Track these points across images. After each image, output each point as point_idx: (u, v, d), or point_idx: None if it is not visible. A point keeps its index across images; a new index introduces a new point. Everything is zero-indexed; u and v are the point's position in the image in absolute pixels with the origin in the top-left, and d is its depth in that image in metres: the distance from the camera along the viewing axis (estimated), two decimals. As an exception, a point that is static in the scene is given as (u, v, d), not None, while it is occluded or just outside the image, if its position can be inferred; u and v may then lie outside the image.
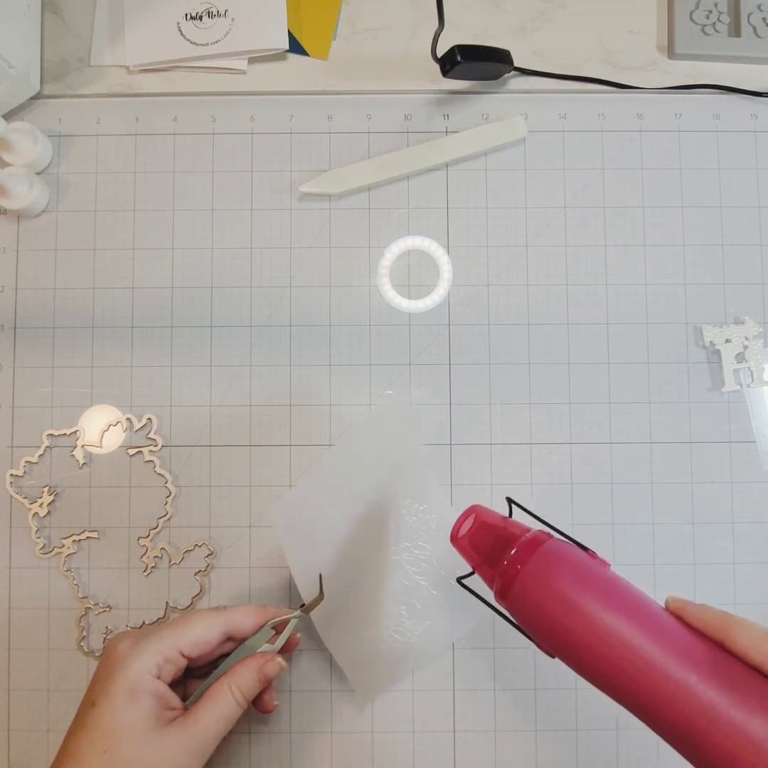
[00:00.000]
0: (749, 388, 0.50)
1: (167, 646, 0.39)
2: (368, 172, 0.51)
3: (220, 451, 0.50)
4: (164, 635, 0.39)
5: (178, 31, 0.52)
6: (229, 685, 0.39)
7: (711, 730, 0.29)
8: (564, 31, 0.53)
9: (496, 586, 0.36)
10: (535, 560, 0.34)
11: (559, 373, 0.50)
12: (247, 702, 0.40)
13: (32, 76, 0.51)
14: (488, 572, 0.37)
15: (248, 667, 0.40)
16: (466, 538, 0.38)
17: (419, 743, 0.48)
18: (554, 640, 0.34)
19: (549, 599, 0.33)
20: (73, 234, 0.51)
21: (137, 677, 0.37)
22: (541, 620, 0.34)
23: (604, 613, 0.32)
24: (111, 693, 0.37)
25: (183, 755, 0.37)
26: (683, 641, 0.31)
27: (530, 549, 0.35)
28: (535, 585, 0.34)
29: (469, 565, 0.38)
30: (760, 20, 0.52)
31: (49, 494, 0.49)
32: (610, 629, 0.31)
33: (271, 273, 0.51)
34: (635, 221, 0.51)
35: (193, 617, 0.40)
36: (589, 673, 0.33)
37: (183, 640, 0.39)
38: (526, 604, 0.34)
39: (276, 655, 0.41)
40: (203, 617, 0.40)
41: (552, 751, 0.47)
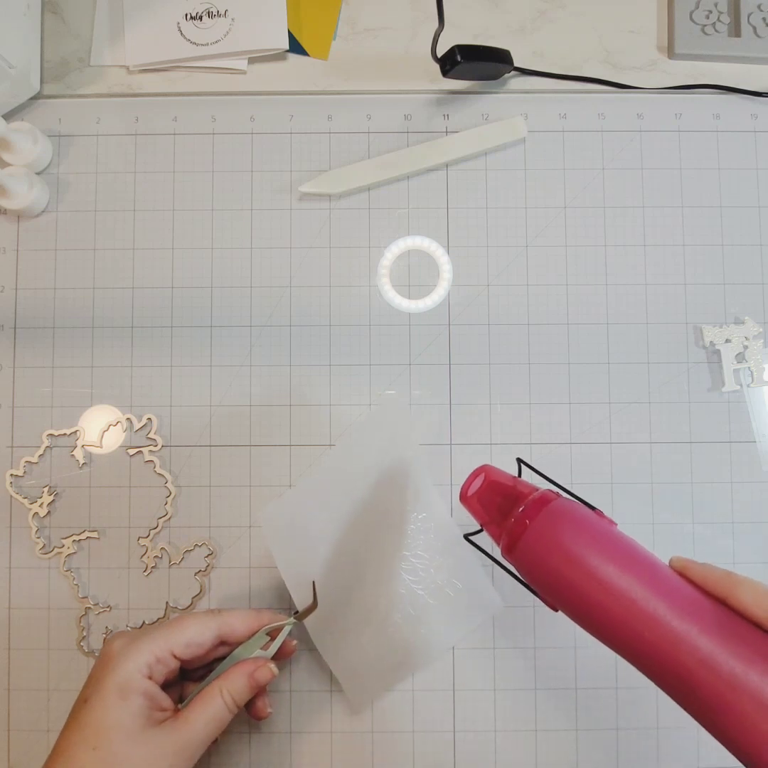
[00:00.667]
0: (749, 388, 0.50)
1: (159, 647, 0.39)
2: (368, 172, 0.51)
3: (220, 451, 0.50)
4: (157, 636, 0.39)
5: (178, 31, 0.52)
6: (221, 689, 0.39)
7: (711, 680, 0.29)
8: (564, 31, 0.53)
9: (503, 542, 0.36)
10: (543, 517, 0.35)
11: (559, 373, 0.50)
12: (237, 707, 0.40)
13: (32, 76, 0.51)
14: (496, 530, 0.37)
15: (240, 672, 0.40)
16: (475, 497, 0.38)
17: (419, 743, 0.48)
18: (559, 594, 0.34)
19: (555, 554, 0.34)
20: (73, 234, 0.51)
21: (128, 676, 0.38)
22: (547, 574, 0.34)
23: (609, 567, 0.33)
24: (103, 691, 0.38)
25: (171, 756, 0.37)
26: (686, 596, 0.32)
27: (538, 506, 0.35)
28: (543, 540, 0.34)
29: (478, 523, 0.39)
30: (760, 20, 0.52)
31: (49, 494, 0.49)
32: (615, 582, 0.32)
33: (271, 273, 0.51)
34: (635, 221, 0.51)
35: (187, 619, 0.41)
36: (592, 626, 0.34)
37: (175, 642, 0.39)
38: (532, 559, 0.35)
39: (268, 662, 0.41)
40: (197, 619, 0.41)
41: (552, 751, 0.47)
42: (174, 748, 0.37)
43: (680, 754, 0.48)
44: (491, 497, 0.38)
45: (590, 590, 0.33)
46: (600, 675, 0.48)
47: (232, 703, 0.39)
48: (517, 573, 0.37)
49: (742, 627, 0.30)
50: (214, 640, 0.41)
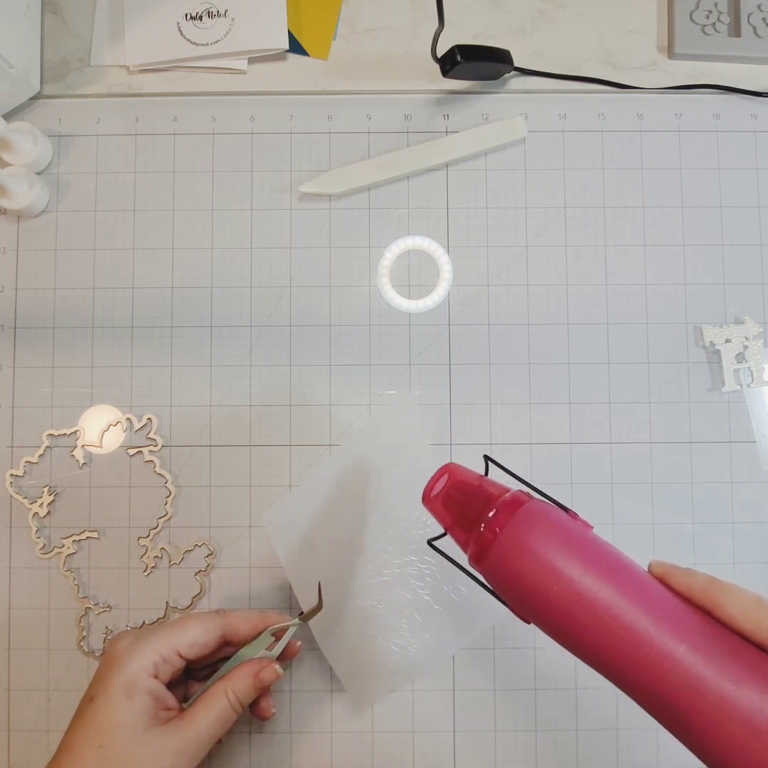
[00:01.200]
0: (749, 388, 0.50)
1: (164, 647, 0.39)
2: (368, 172, 0.51)
3: (220, 451, 0.50)
4: (162, 635, 0.40)
5: (178, 31, 0.52)
6: (225, 689, 0.39)
7: (699, 703, 0.27)
8: (564, 31, 0.53)
9: (471, 550, 0.34)
10: (515, 523, 0.32)
11: (559, 373, 0.50)
12: (242, 707, 0.40)
13: (32, 76, 0.51)
14: (462, 535, 0.35)
15: (244, 673, 0.40)
16: (439, 498, 0.36)
17: (419, 743, 0.48)
18: (534, 607, 0.32)
19: (529, 565, 0.31)
20: (73, 234, 0.51)
21: (134, 675, 0.38)
22: (519, 586, 0.32)
23: (588, 578, 0.30)
24: (109, 690, 0.38)
25: (174, 756, 0.37)
26: (669, 609, 0.30)
27: (509, 511, 0.33)
28: (515, 550, 0.32)
29: (442, 527, 0.37)
30: (760, 20, 0.52)
31: (49, 494, 0.49)
32: (594, 596, 0.30)
33: (271, 273, 0.51)
34: (635, 221, 0.51)
35: (192, 619, 0.41)
36: (569, 642, 0.32)
37: (180, 641, 0.40)
38: (504, 569, 0.32)
39: (273, 662, 0.41)
40: (201, 619, 0.41)
41: (552, 751, 0.47)
42: (175, 748, 0.37)
43: (680, 754, 0.47)
44: (457, 498, 0.36)
45: (567, 604, 0.30)
46: (600, 675, 0.48)
47: (237, 703, 0.39)
48: (485, 582, 0.35)
49: (729, 641, 0.29)
50: (218, 641, 0.41)
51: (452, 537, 0.36)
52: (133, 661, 0.38)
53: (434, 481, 0.37)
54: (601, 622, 0.30)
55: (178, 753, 0.37)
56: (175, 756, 0.37)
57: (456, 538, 0.36)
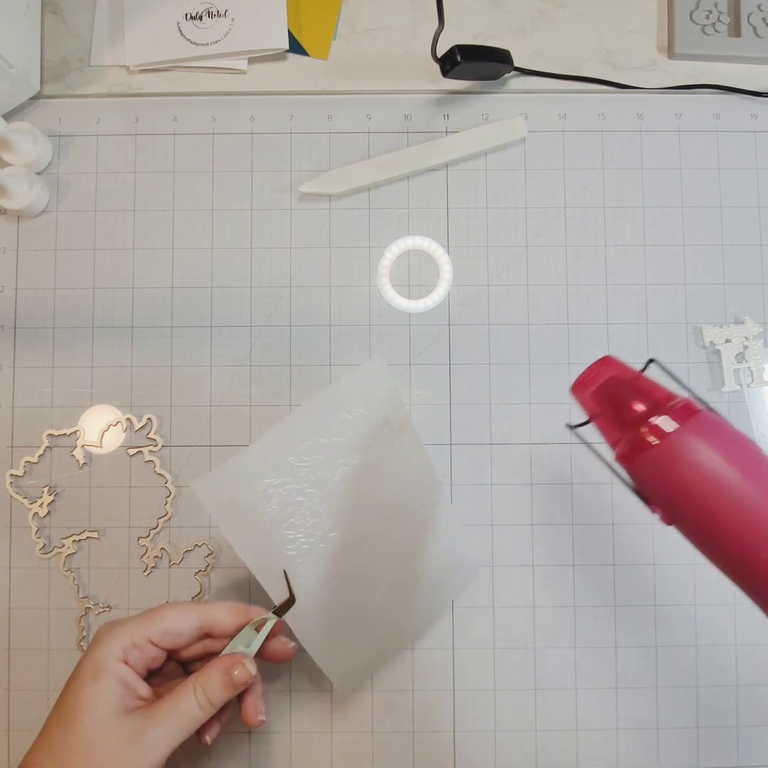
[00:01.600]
0: (749, 388, 0.50)
1: (136, 632, 0.38)
2: (368, 172, 0.51)
3: (220, 451, 0.50)
4: (136, 621, 0.39)
5: (178, 31, 0.52)
6: (195, 684, 0.37)
7: None
8: (564, 31, 0.53)
9: (624, 449, 0.33)
10: (686, 430, 0.32)
11: (559, 373, 0.50)
12: (211, 706, 0.37)
13: (32, 76, 0.51)
14: (614, 431, 0.34)
15: (215, 668, 0.38)
16: (593, 391, 0.35)
17: (419, 743, 0.48)
18: (689, 512, 0.32)
19: (697, 474, 0.31)
20: (73, 234, 0.51)
21: (102, 658, 0.37)
22: (680, 491, 0.32)
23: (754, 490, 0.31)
24: (78, 672, 0.37)
25: (130, 743, 0.35)
26: None
27: (680, 417, 0.32)
28: (684, 455, 0.31)
29: (589, 416, 0.36)
30: (760, 20, 0.52)
31: (49, 494, 0.49)
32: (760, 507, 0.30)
33: (271, 273, 0.51)
34: (635, 221, 0.51)
35: (167, 607, 0.40)
36: (714, 547, 0.33)
37: (152, 628, 0.38)
38: (663, 473, 0.32)
39: (246, 659, 0.39)
40: (177, 608, 0.40)
41: (552, 751, 0.47)
42: (131, 734, 0.35)
43: (680, 753, 0.48)
44: (613, 394, 0.34)
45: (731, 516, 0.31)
46: (599, 675, 0.48)
47: (205, 701, 0.37)
48: (624, 478, 0.34)
49: None
50: (195, 631, 0.40)
51: (601, 431, 0.35)
52: (103, 644, 0.38)
53: (590, 372, 0.36)
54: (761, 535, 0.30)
55: (133, 741, 0.35)
56: (131, 743, 0.35)
57: (605, 432, 0.35)
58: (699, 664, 0.48)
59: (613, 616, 0.48)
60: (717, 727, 0.48)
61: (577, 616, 0.48)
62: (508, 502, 0.49)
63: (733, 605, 0.48)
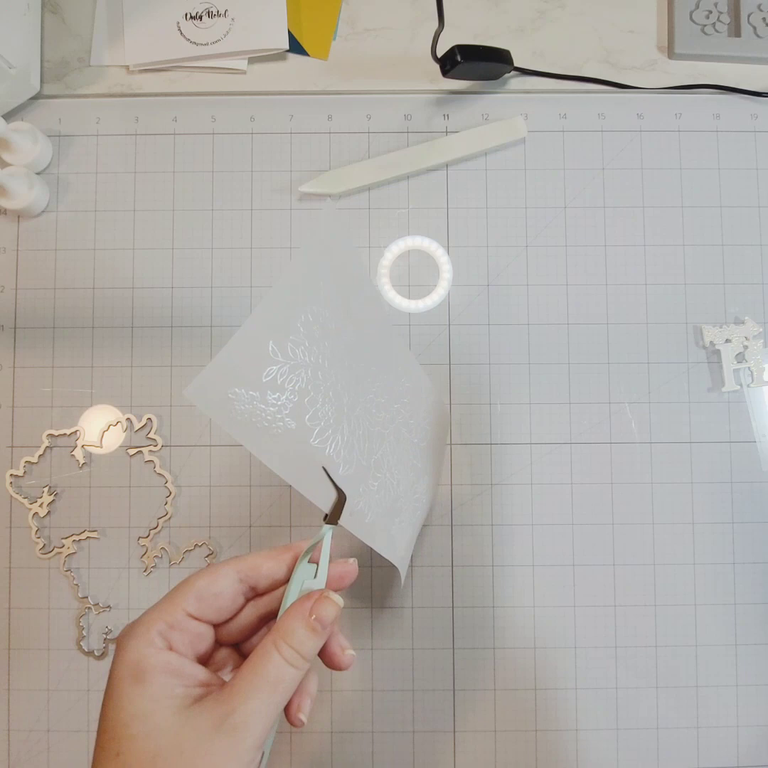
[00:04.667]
0: (749, 388, 0.50)
1: (166, 611, 0.32)
2: (368, 172, 0.51)
3: (220, 451, 0.50)
4: (162, 603, 0.32)
5: (178, 30, 0.52)
6: (275, 642, 0.30)
7: None
8: (564, 31, 0.53)
9: None
10: None
11: (559, 373, 0.50)
12: (305, 660, 0.31)
13: (32, 76, 0.51)
14: None
15: (293, 616, 0.31)
16: None
17: (419, 743, 0.48)
18: None
19: None
20: (73, 234, 0.51)
21: (139, 655, 0.30)
22: None
23: None
24: (114, 681, 0.30)
25: (219, 737, 0.28)
26: None
27: None
28: None
29: None
30: (760, 20, 0.52)
31: (49, 494, 0.49)
32: None
33: (271, 273, 0.51)
34: (635, 221, 0.51)
35: (196, 573, 0.33)
36: None
37: (184, 598, 0.32)
38: None
39: (325, 592, 0.32)
40: (208, 570, 0.33)
41: (552, 751, 0.47)
42: (213, 724, 0.28)
43: (680, 754, 0.48)
44: None
45: None
46: (599, 675, 0.48)
47: (295, 656, 0.30)
48: None
49: None
50: (236, 587, 0.33)
51: None
52: (132, 641, 0.31)
53: None
54: None
55: (219, 729, 0.28)
56: (217, 733, 0.28)
57: None
58: (699, 663, 0.48)
59: (614, 615, 0.48)
60: (716, 727, 0.48)
61: (577, 616, 0.48)
62: (508, 502, 0.49)
63: (733, 605, 0.48)
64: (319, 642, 0.31)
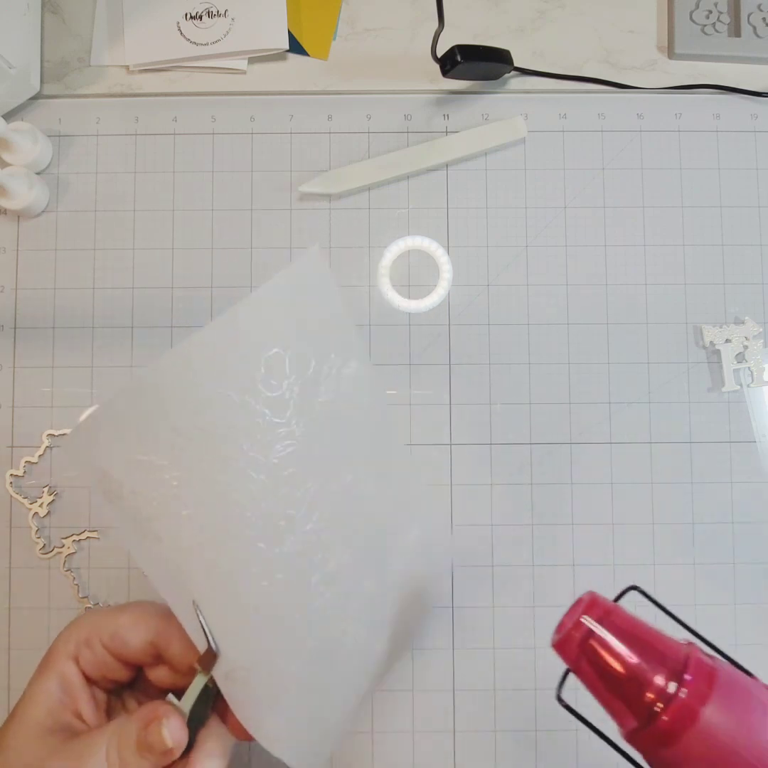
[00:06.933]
0: (749, 388, 0.50)
1: (91, 626, 0.31)
2: (368, 172, 0.51)
3: (220, 451, 0.50)
4: (104, 612, 0.32)
5: (178, 30, 0.52)
6: (112, 734, 0.28)
7: None
8: (564, 31, 0.53)
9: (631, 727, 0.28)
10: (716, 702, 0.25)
11: (559, 373, 0.50)
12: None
13: (32, 76, 0.51)
14: (614, 702, 0.28)
15: (135, 719, 0.28)
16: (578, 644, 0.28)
17: (419, 743, 0.48)
18: None
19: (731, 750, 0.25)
20: (73, 234, 0.51)
21: (54, 649, 0.31)
22: None
23: None
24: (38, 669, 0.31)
25: None
26: None
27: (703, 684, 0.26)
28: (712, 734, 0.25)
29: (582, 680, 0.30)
30: (760, 20, 0.52)
31: (49, 494, 0.49)
32: None
33: (271, 273, 0.51)
34: (635, 221, 0.51)
35: (135, 606, 0.32)
36: None
37: (105, 626, 0.31)
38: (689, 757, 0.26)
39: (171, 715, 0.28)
40: (142, 611, 0.32)
41: (552, 751, 0.47)
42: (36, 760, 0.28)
43: (680, 754, 0.48)
44: (603, 648, 0.28)
45: None
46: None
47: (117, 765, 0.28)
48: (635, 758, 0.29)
49: None
50: (144, 645, 0.31)
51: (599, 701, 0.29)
52: (64, 632, 0.31)
53: (573, 616, 0.29)
54: None
55: None
56: None
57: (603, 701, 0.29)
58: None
59: (613, 616, 0.48)
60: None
61: (577, 616, 0.48)
62: (508, 502, 0.49)
63: (733, 605, 0.48)
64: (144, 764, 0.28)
